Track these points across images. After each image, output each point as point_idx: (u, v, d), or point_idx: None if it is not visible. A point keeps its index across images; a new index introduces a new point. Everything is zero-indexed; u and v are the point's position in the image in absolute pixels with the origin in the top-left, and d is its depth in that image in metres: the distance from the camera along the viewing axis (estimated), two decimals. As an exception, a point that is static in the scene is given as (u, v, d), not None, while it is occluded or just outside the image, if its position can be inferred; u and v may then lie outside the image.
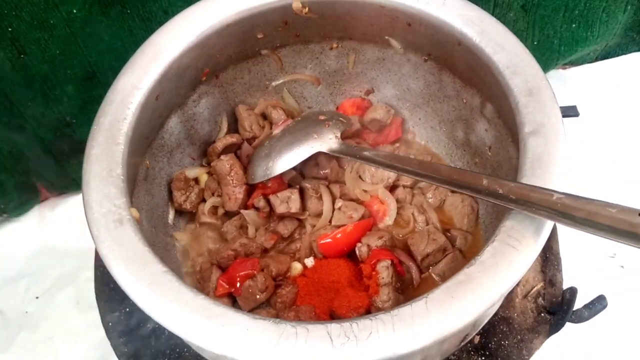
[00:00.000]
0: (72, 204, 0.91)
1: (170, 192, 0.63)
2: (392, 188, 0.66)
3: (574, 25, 0.91)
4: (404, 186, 0.66)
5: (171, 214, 0.63)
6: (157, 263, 0.42)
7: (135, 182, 0.54)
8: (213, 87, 0.66)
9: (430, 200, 0.65)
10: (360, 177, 0.66)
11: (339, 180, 0.66)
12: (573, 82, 1.00)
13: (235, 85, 0.68)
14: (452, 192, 0.65)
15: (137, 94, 0.52)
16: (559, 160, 0.45)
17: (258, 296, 0.57)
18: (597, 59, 1.04)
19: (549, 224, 0.42)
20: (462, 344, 0.55)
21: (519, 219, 0.42)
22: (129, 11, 0.69)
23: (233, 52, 0.64)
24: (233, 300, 0.58)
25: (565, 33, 0.92)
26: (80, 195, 0.87)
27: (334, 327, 0.38)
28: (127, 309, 0.59)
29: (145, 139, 0.56)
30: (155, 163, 0.60)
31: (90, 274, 0.84)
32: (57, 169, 0.85)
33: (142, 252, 0.42)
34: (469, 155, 0.66)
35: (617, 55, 1.03)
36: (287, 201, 0.61)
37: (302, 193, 0.64)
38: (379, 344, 0.38)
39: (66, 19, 0.67)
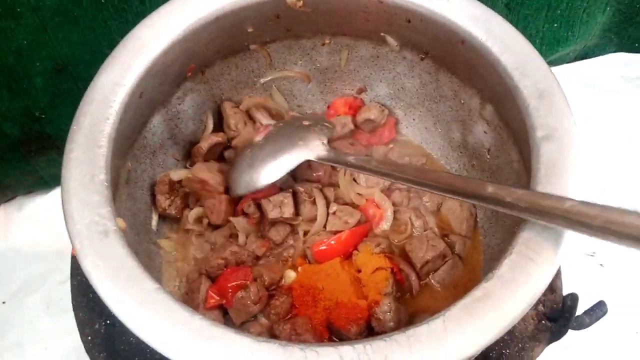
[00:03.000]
0: (40, 203, 0.86)
1: (153, 196, 0.59)
2: (388, 191, 0.63)
3: (555, 25, 0.92)
4: (400, 189, 0.63)
5: (154, 220, 0.59)
6: (148, 280, 0.38)
7: (117, 186, 0.50)
8: (198, 84, 0.62)
9: (427, 204, 0.62)
10: (354, 179, 0.63)
11: (332, 182, 0.63)
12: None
13: (221, 82, 0.64)
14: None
15: (120, 92, 0.48)
16: (575, 167, 0.43)
17: (251, 308, 0.53)
18: (575, 59, 1.04)
19: (566, 234, 0.40)
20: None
21: (536, 230, 0.40)
22: (103, 1, 0.64)
23: (221, 46, 0.59)
24: (224, 312, 0.55)
25: (547, 32, 0.93)
26: (49, 194, 0.85)
27: (345, 350, 0.35)
28: (108, 322, 0.55)
29: (128, 139, 0.52)
30: (137, 165, 0.56)
31: (60, 276, 0.80)
32: (25, 167, 0.80)
33: (131, 267, 0.38)
34: (466, 158, 0.64)
35: (595, 56, 1.04)
36: (280, 206, 0.58)
37: (294, 196, 0.60)
38: (395, 368, 0.35)
39: (34, 7, 0.61)
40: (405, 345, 0.36)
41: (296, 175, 0.63)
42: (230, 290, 0.53)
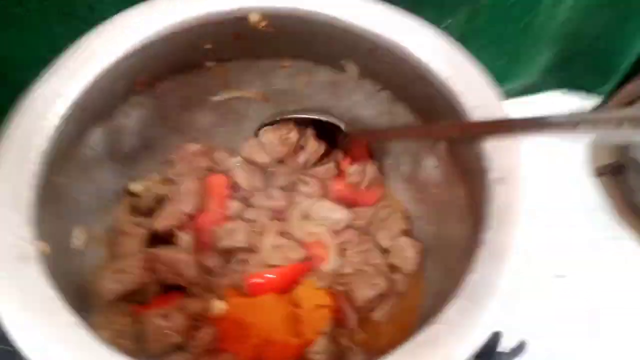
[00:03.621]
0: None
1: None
2: (341, 230, 0.61)
3: (503, 61, 0.95)
4: (355, 228, 0.61)
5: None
6: (66, 313, 0.34)
7: (45, 205, 0.46)
8: (147, 99, 0.58)
9: (381, 241, 0.61)
10: (310, 215, 0.61)
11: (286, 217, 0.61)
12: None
13: (172, 98, 0.61)
14: (405, 234, 0.61)
15: (60, 104, 0.44)
16: (521, 210, 0.43)
17: (172, 338, 0.49)
18: (521, 94, 1.09)
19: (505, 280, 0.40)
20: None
21: (482, 273, 0.39)
22: (48, 3, 0.61)
23: (175, 61, 0.57)
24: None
25: (495, 67, 0.96)
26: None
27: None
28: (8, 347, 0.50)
29: (63, 155, 0.48)
30: (67, 180, 0.52)
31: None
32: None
33: (50, 298, 0.35)
34: (414, 191, 0.64)
35: (539, 92, 1.08)
36: (231, 235, 0.55)
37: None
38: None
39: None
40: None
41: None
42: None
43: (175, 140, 0.65)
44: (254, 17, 0.53)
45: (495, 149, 0.46)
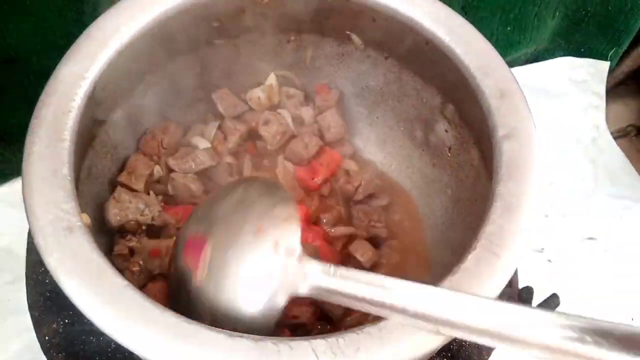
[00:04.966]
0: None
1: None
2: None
3: (508, 29, 0.96)
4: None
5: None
6: (116, 276, 0.37)
7: (78, 182, 0.48)
8: (161, 78, 0.60)
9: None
10: None
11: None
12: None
13: (185, 77, 0.63)
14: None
15: (83, 84, 0.46)
16: (535, 165, 0.45)
17: None
18: (527, 62, 1.09)
19: (525, 231, 0.42)
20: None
21: (498, 225, 0.42)
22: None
23: (185, 40, 0.58)
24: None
25: (501, 36, 0.97)
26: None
27: (319, 343, 0.36)
28: (67, 321, 0.53)
29: (89, 133, 0.51)
30: (98, 160, 0.54)
31: (9, 276, 0.77)
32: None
33: (98, 263, 0.37)
34: (428, 156, 0.66)
35: (545, 59, 1.08)
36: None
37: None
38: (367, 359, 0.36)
39: (-20, -4, 0.59)
40: (377, 337, 0.36)
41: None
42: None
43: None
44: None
45: (501, 107, 0.48)
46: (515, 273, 0.61)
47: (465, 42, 0.52)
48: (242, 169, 0.64)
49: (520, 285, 0.61)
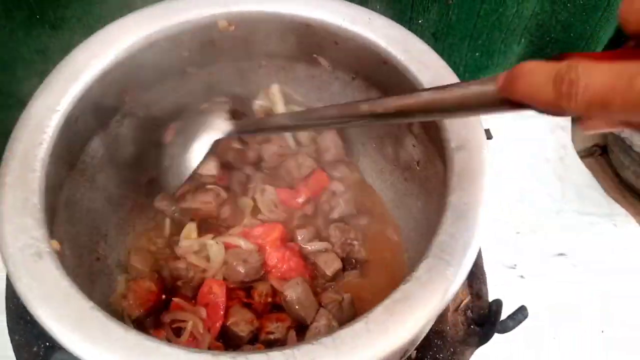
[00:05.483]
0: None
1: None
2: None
3: (477, 54, 1.00)
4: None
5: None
6: (81, 299, 0.39)
7: (55, 210, 0.51)
8: (137, 107, 0.63)
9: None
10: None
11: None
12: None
13: (160, 105, 0.66)
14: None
15: (54, 117, 0.49)
16: (484, 173, 0.47)
17: None
18: None
19: (477, 237, 0.44)
20: None
21: (449, 234, 0.44)
22: (37, 16, 0.65)
23: (157, 70, 0.61)
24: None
25: (470, 61, 1.01)
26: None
27: (275, 355, 0.37)
28: (48, 343, 0.55)
29: (65, 164, 0.53)
30: (77, 189, 0.57)
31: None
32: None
33: (65, 287, 0.39)
34: (399, 171, 0.68)
35: None
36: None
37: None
38: (321, 369, 0.37)
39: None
40: (332, 347, 0.38)
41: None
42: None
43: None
44: (222, 24, 0.58)
45: (452, 121, 0.50)
46: (485, 287, 0.62)
47: (419, 61, 0.54)
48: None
49: (491, 299, 0.62)
